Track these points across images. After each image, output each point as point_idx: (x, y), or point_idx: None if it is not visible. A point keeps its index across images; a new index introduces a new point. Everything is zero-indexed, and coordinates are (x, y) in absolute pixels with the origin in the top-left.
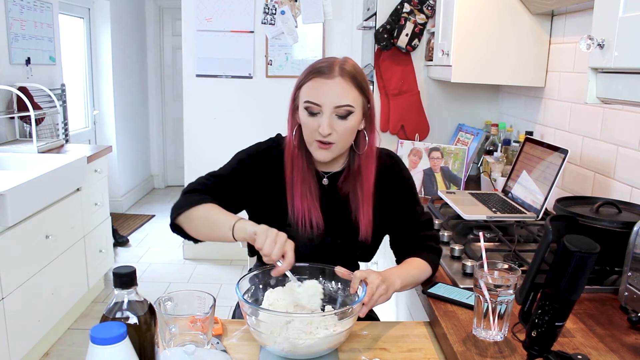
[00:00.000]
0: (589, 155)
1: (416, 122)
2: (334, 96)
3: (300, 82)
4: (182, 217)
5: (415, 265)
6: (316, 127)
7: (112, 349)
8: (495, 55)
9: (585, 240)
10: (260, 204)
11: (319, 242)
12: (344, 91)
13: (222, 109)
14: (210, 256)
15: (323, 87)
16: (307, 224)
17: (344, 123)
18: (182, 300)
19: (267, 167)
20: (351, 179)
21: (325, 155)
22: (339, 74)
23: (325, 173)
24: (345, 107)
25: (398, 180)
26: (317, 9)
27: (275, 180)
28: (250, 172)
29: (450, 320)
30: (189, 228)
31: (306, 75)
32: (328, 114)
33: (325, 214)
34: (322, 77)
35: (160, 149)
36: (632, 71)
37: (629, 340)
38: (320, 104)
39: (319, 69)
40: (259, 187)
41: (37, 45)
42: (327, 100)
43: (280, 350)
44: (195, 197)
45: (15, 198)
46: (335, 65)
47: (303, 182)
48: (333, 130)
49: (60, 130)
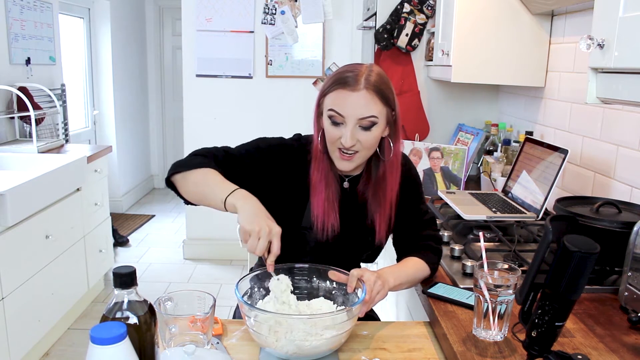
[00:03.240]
0: (589, 155)
1: (416, 122)
2: (358, 108)
3: (325, 90)
4: (179, 175)
5: (411, 265)
6: (338, 137)
7: (112, 349)
8: (495, 55)
9: (585, 240)
10: (274, 202)
11: (332, 243)
12: (369, 103)
13: (222, 109)
14: (210, 256)
15: (348, 98)
16: (324, 227)
17: (367, 134)
18: (182, 300)
19: (287, 164)
20: (373, 185)
21: (347, 165)
22: (364, 86)
23: (346, 176)
24: (369, 118)
25: (406, 178)
26: (317, 9)
27: (295, 179)
28: (265, 164)
29: (450, 320)
30: (182, 188)
31: (331, 84)
32: (352, 126)
33: (341, 216)
34: (347, 89)
35: (160, 149)
36: (632, 71)
37: (629, 340)
38: (344, 114)
39: (345, 79)
40: (273, 182)
41: (37, 45)
42: (351, 112)
43: (284, 353)
44: (198, 159)
45: (15, 198)
46: (361, 77)
47: (326, 185)
48: (356, 141)
49: (60, 130)
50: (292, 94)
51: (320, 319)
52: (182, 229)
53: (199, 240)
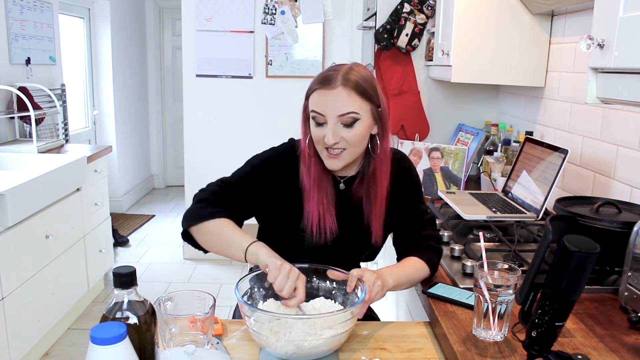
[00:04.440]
0: (589, 155)
1: (416, 122)
2: (337, 105)
3: (308, 92)
4: (194, 228)
5: (410, 265)
6: (323, 136)
7: (112, 349)
8: (495, 55)
9: (585, 240)
10: (273, 210)
11: (330, 246)
12: (346, 100)
13: (222, 109)
14: (210, 256)
15: (325, 97)
16: (321, 230)
17: (350, 131)
18: (182, 300)
19: (281, 173)
20: (365, 184)
21: (335, 164)
22: (341, 83)
23: (341, 177)
24: (348, 114)
25: (405, 178)
26: (317, 9)
27: (289, 185)
28: (262, 179)
29: (450, 320)
30: (200, 240)
31: (312, 85)
32: (333, 124)
33: (339, 218)
34: (324, 88)
35: (160, 149)
36: (632, 71)
37: (629, 340)
38: (324, 113)
39: (322, 79)
40: (271, 193)
41: (37, 45)
42: (330, 109)
43: (284, 353)
44: (209, 209)
45: (15, 198)
46: (339, 75)
47: (319, 189)
48: (341, 138)
49: (60, 130)
50: (292, 94)
51: (320, 319)
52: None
53: None
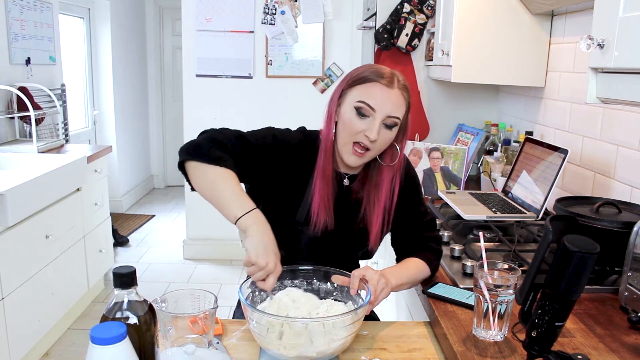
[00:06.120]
0: (589, 155)
1: (416, 122)
2: (390, 105)
3: (356, 80)
4: (193, 164)
5: (412, 265)
6: (362, 129)
7: (112, 349)
8: (495, 55)
9: (585, 240)
10: (272, 193)
11: (326, 240)
12: (399, 104)
13: (222, 109)
14: (210, 256)
15: (383, 93)
16: (318, 223)
17: (388, 133)
18: (182, 300)
19: (290, 158)
20: (368, 186)
21: (356, 160)
22: (398, 86)
23: (345, 174)
24: (394, 118)
25: (407, 183)
26: (317, 9)
27: (295, 173)
28: (276, 154)
29: (450, 320)
30: (194, 180)
31: (367, 75)
32: (379, 120)
33: (336, 213)
34: (384, 84)
35: (160, 149)
36: (632, 71)
37: (629, 340)
38: (375, 108)
39: (380, 74)
40: (278, 174)
41: (37, 45)
42: (383, 107)
43: (287, 355)
44: (218, 152)
45: (15, 198)
46: (395, 77)
47: (325, 182)
48: (378, 137)
49: (60, 130)
50: (292, 94)
51: (326, 322)
52: (182, 229)
53: (199, 240)
